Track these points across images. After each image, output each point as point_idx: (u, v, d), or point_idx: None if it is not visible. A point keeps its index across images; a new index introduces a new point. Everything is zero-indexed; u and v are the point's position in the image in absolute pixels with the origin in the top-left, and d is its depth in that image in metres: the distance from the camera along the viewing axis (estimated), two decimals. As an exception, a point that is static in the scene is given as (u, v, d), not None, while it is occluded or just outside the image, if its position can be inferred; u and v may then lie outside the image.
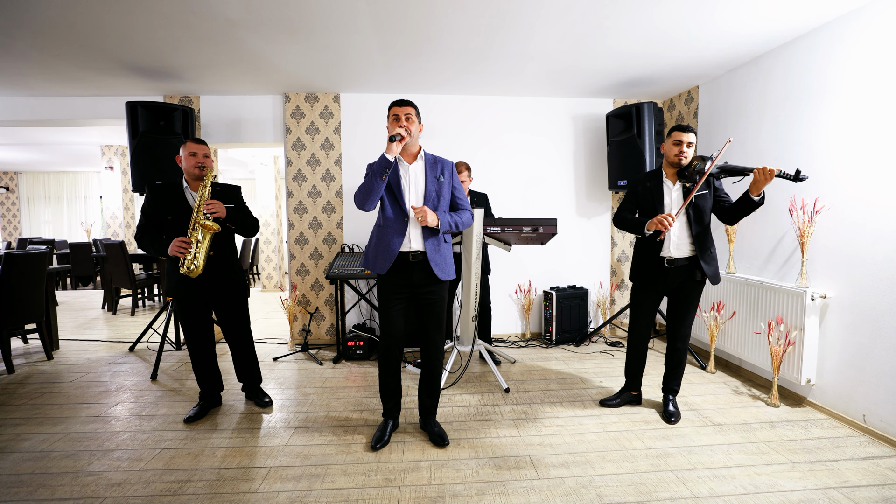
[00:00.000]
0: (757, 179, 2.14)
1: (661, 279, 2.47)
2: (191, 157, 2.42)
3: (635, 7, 2.47)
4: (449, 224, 2.19)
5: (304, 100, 4.03)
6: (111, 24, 2.62)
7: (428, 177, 2.19)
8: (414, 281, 2.19)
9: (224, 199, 2.52)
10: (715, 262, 2.42)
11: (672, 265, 2.42)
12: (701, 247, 2.38)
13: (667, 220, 2.24)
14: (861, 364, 2.43)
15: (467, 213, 2.28)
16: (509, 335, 4.35)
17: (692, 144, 2.34)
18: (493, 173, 4.20)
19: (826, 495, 1.87)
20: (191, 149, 2.42)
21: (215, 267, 2.48)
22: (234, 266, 2.57)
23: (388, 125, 2.18)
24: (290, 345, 4.10)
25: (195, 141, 2.45)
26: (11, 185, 10.23)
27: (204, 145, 2.46)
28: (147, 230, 2.42)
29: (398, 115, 2.13)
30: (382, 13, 2.54)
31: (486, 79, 3.69)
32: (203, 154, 2.44)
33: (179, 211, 2.42)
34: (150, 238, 2.41)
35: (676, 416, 2.53)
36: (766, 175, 2.10)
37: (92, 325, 4.99)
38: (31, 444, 2.31)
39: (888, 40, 2.29)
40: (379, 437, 2.28)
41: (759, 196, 2.20)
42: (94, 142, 7.04)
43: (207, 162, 2.45)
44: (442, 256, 2.22)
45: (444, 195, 2.23)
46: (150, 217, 2.43)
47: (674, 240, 2.40)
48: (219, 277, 2.50)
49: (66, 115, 4.08)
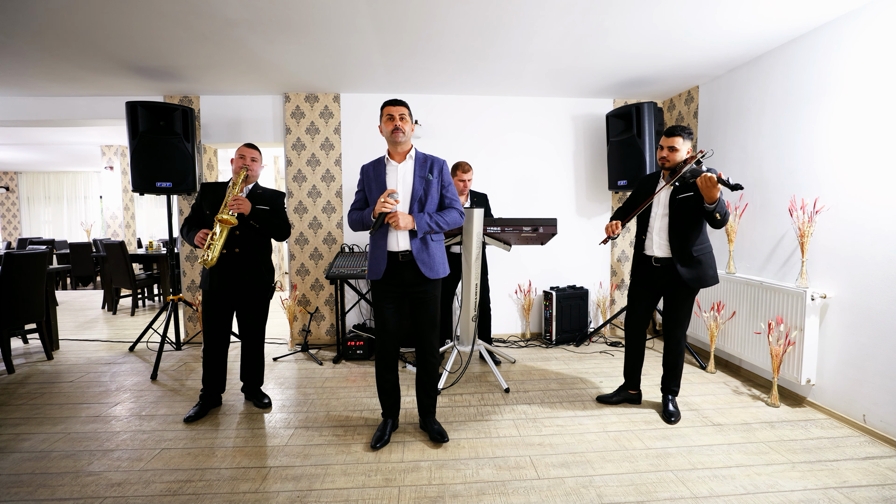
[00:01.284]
0: (700, 186, 2.14)
1: (649, 277, 2.55)
2: (239, 158, 2.57)
3: (635, 7, 2.47)
4: (429, 225, 2.15)
5: (304, 100, 4.03)
6: (111, 24, 2.62)
7: (416, 176, 2.19)
8: (405, 280, 2.20)
9: (260, 202, 2.59)
10: (699, 265, 2.37)
11: (658, 264, 2.49)
12: (679, 248, 2.38)
13: (609, 227, 2.43)
14: (861, 364, 2.43)
15: (455, 213, 2.25)
16: (509, 335, 4.35)
17: (675, 149, 2.37)
18: (494, 173, 4.20)
19: (826, 495, 1.87)
20: (240, 152, 2.59)
21: (244, 266, 2.56)
22: (262, 267, 2.64)
23: (380, 124, 2.19)
24: (290, 345, 4.10)
25: (247, 145, 2.60)
26: (11, 185, 10.23)
27: (254, 150, 2.60)
28: (189, 222, 2.63)
29: (392, 114, 2.14)
30: (382, 13, 2.54)
31: (486, 79, 3.69)
32: (251, 158, 2.57)
33: (216, 207, 2.53)
34: (188, 230, 2.58)
35: (676, 416, 2.53)
36: (709, 182, 2.09)
37: (92, 325, 4.99)
38: (31, 444, 2.31)
39: (888, 40, 2.29)
40: (379, 436, 2.29)
41: (713, 204, 2.15)
42: (94, 142, 7.04)
43: (253, 165, 2.58)
44: (430, 255, 2.20)
45: (432, 194, 2.21)
46: (195, 211, 2.63)
47: (655, 239, 2.48)
48: (247, 277, 2.57)
49: (66, 115, 4.09)
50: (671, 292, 2.50)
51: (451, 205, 2.27)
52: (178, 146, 3.55)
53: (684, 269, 2.37)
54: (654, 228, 2.48)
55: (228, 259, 2.52)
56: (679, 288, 2.45)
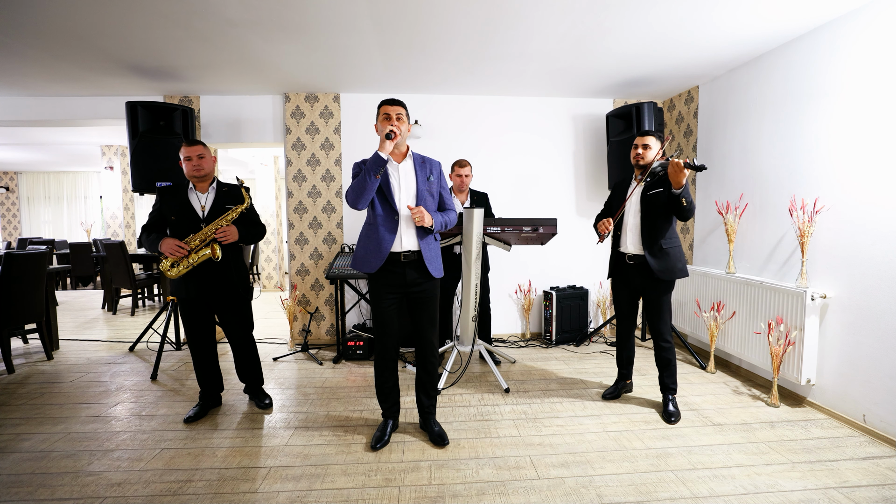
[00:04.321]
0: (668, 172, 2.30)
1: (625, 274, 2.65)
2: (186, 161, 2.43)
3: (635, 7, 2.47)
4: (441, 224, 2.25)
5: (304, 100, 4.03)
6: (111, 24, 2.62)
7: (419, 177, 2.21)
8: (406, 280, 2.20)
9: (229, 199, 2.53)
10: (667, 257, 2.48)
11: (632, 261, 2.59)
12: (649, 241, 2.51)
13: (601, 225, 2.52)
14: (861, 364, 2.43)
15: (452, 214, 2.34)
16: (509, 335, 4.35)
17: (648, 146, 2.51)
18: (494, 173, 4.20)
19: (826, 495, 1.87)
20: (184, 153, 2.44)
21: (218, 270, 2.48)
22: (237, 269, 2.57)
23: (377, 123, 2.19)
24: (290, 345, 4.10)
25: (188, 143, 2.45)
26: (11, 185, 10.23)
27: (197, 146, 2.45)
28: (150, 228, 2.48)
29: (389, 113, 2.14)
30: (382, 13, 2.54)
31: (486, 79, 3.69)
32: (197, 155, 2.43)
33: (181, 212, 2.44)
34: (148, 235, 2.45)
35: (676, 416, 2.53)
36: (675, 167, 2.25)
37: (92, 325, 4.99)
38: (31, 444, 2.31)
39: (888, 40, 2.28)
40: (379, 437, 2.29)
41: (680, 190, 2.30)
42: (94, 142, 7.05)
43: (202, 163, 2.43)
44: (434, 255, 2.26)
45: (435, 195, 2.27)
46: (156, 217, 2.48)
47: (629, 236, 2.59)
48: (221, 280, 2.50)
49: (66, 115, 4.08)
50: (647, 291, 2.58)
51: (448, 206, 2.34)
52: (178, 146, 3.54)
53: (654, 261, 2.49)
54: (628, 225, 2.60)
55: (200, 265, 2.43)
56: (653, 284, 2.54)
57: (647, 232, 2.51)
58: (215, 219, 2.45)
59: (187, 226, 2.43)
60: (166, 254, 2.35)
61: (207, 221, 2.45)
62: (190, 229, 2.43)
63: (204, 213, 2.47)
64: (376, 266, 2.16)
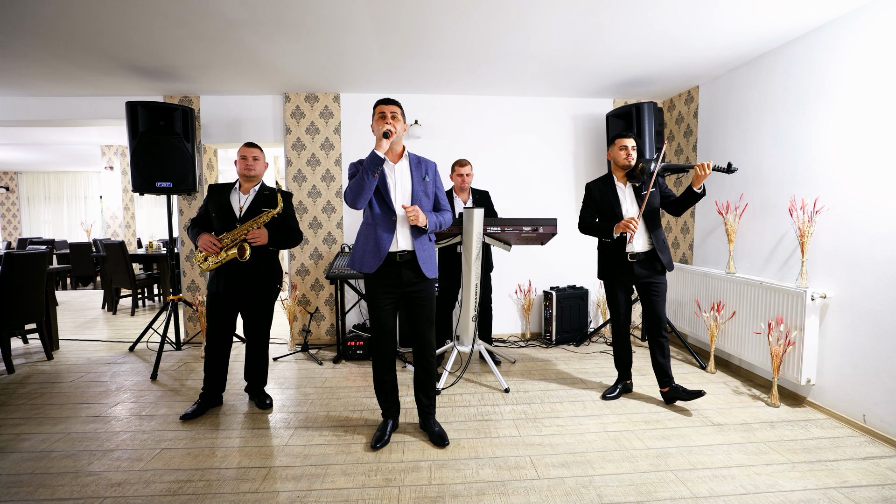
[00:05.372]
0: (698, 175, 2.45)
1: (626, 273, 2.67)
2: (241, 160, 2.58)
3: (635, 7, 2.47)
4: (435, 224, 2.24)
5: (304, 100, 4.03)
6: (111, 24, 2.62)
7: (414, 177, 2.22)
8: (402, 280, 2.21)
9: (268, 203, 2.60)
10: (668, 251, 2.68)
11: (634, 259, 2.64)
12: (657, 239, 2.64)
13: (633, 224, 2.50)
14: (861, 364, 2.43)
15: (448, 214, 2.34)
16: (509, 335, 4.35)
17: (635, 147, 2.61)
18: (494, 173, 4.20)
19: (826, 495, 1.87)
20: (240, 152, 2.59)
21: (250, 269, 2.55)
22: (270, 269, 2.64)
23: (372, 123, 2.19)
24: (290, 345, 4.10)
25: (247, 144, 2.61)
26: (11, 185, 10.23)
27: (255, 148, 2.60)
28: (196, 222, 2.65)
29: (384, 112, 2.14)
30: (382, 13, 2.54)
31: (486, 79, 3.69)
32: (252, 157, 2.58)
33: (221, 210, 2.55)
34: (192, 228, 2.61)
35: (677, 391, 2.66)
36: (705, 169, 2.42)
37: (92, 325, 4.99)
38: (31, 444, 2.31)
39: (888, 40, 2.28)
40: (379, 436, 2.29)
41: (701, 189, 2.48)
42: (94, 142, 7.04)
43: (255, 164, 2.58)
44: (428, 255, 2.26)
45: (430, 196, 2.28)
46: (202, 212, 2.66)
47: (638, 235, 2.65)
48: (253, 280, 2.57)
49: (66, 115, 4.09)
50: (647, 283, 2.66)
51: (443, 207, 2.34)
52: (178, 146, 3.55)
53: (663, 256, 2.63)
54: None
55: (236, 262, 2.52)
56: (655, 276, 2.66)
57: (652, 230, 2.63)
58: (249, 220, 2.53)
59: (224, 223, 2.54)
60: (201, 248, 2.48)
61: (242, 221, 2.54)
62: (226, 227, 2.54)
63: (241, 213, 2.56)
64: (375, 266, 2.17)
